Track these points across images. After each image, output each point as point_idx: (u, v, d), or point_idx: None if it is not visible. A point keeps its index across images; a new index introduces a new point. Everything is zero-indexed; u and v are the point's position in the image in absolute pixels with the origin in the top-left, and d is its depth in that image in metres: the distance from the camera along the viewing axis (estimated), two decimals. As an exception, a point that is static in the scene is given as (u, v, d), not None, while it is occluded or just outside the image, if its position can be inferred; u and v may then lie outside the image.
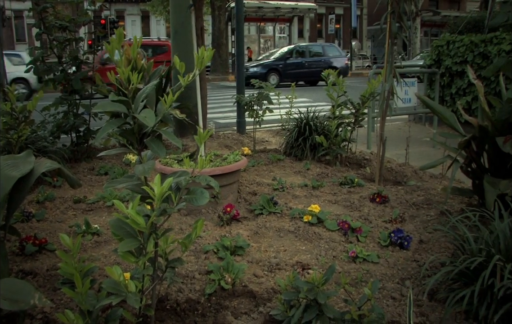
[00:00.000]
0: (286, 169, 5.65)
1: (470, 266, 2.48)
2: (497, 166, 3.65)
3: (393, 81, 4.80)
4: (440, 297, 2.72)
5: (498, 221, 2.66)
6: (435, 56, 10.50)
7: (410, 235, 3.55)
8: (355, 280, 3.00)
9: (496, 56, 8.80)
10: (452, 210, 4.10)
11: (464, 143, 3.58)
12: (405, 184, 5.11)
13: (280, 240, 3.63)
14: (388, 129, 9.16)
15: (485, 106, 3.73)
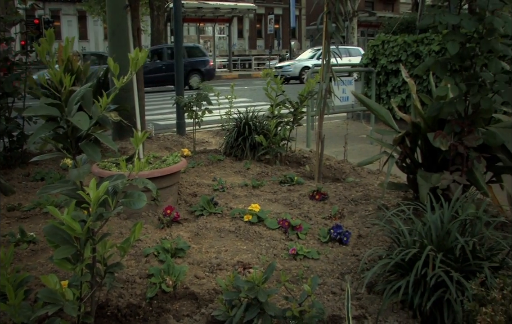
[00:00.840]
0: (226, 170, 5.65)
1: (405, 258, 2.55)
2: (430, 161, 3.78)
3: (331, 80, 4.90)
4: (378, 289, 2.79)
5: (430, 213, 2.76)
6: (371, 55, 10.79)
7: (349, 230, 3.62)
8: (296, 277, 3.03)
9: (427, 55, 9.13)
10: (389, 205, 4.22)
11: (398, 139, 3.69)
12: (344, 180, 5.22)
13: (221, 240, 3.63)
14: (327, 127, 9.31)
15: (417, 104, 3.86)
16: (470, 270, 2.51)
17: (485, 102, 3.07)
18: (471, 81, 3.17)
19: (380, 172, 5.47)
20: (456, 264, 2.53)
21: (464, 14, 3.22)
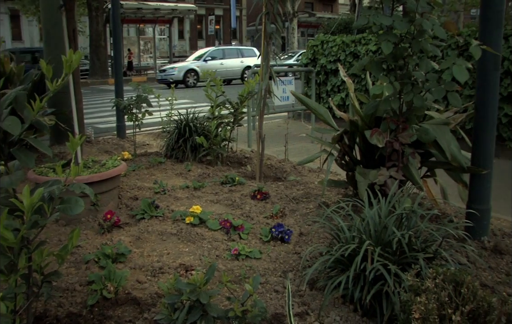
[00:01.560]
0: (167, 172, 5.60)
1: (344, 253, 2.61)
2: (368, 158, 3.88)
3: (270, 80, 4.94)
4: (319, 286, 2.84)
5: (368, 209, 2.83)
6: (311, 55, 10.95)
7: (291, 229, 3.67)
8: (238, 277, 3.04)
9: (365, 55, 9.36)
10: (329, 202, 4.30)
11: (337, 138, 3.77)
12: (285, 179, 5.27)
13: (163, 243, 3.60)
14: (268, 127, 9.40)
15: (355, 102, 3.96)
16: (406, 262, 2.59)
17: (417, 100, 3.19)
18: (404, 80, 3.28)
19: (320, 170, 5.57)
20: (394, 257, 2.61)
21: (396, 16, 3.32)
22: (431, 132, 3.41)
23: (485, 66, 3.49)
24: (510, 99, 7.89)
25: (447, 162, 3.57)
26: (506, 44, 7.82)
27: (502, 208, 5.26)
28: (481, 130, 3.58)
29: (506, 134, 7.93)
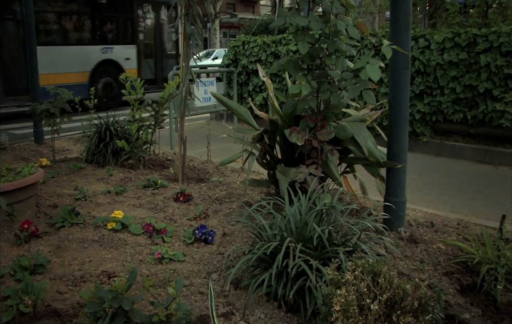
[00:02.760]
0: (88, 177, 5.43)
1: (267, 251, 2.64)
2: (288, 156, 3.95)
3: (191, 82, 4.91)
4: (244, 285, 2.86)
5: (288, 207, 2.88)
6: (233, 56, 11.00)
7: (214, 229, 3.66)
8: (162, 281, 3.01)
9: (285, 55, 9.52)
10: (252, 201, 4.33)
11: (257, 137, 3.80)
12: (208, 180, 5.26)
13: (85, 251, 3.49)
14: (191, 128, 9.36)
15: (274, 101, 4.01)
16: (327, 256, 2.66)
17: (334, 98, 3.27)
18: (321, 79, 3.36)
19: (243, 170, 5.60)
20: (315, 253, 2.67)
21: (312, 17, 3.39)
22: (349, 129, 3.52)
23: (396, 65, 3.65)
24: (422, 96, 8.28)
25: (364, 157, 3.70)
26: (416, 45, 8.21)
27: (417, 200, 5.53)
28: (395, 126, 3.73)
29: (419, 129, 8.31)
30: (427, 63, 8.07)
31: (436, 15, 12.28)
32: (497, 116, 7.60)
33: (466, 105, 7.91)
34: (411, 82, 8.22)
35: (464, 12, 13.12)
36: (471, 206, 5.50)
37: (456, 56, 7.82)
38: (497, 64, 7.48)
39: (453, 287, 3.14)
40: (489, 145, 7.88)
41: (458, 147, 8.01)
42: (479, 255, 3.25)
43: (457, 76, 7.87)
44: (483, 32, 7.70)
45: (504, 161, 7.57)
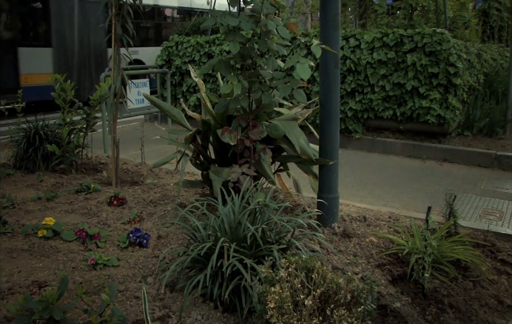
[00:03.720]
0: (17, 184, 5.22)
1: (201, 252, 2.63)
2: (221, 156, 3.95)
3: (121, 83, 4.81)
4: (179, 287, 2.83)
5: (222, 207, 2.88)
6: (166, 57, 10.88)
7: (149, 232, 3.61)
8: (97, 288, 2.93)
9: (219, 55, 9.51)
10: (187, 202, 4.30)
11: (189, 138, 3.78)
12: (142, 183, 5.18)
13: (13, 261, 3.34)
14: (124, 131, 9.20)
15: (206, 102, 4.00)
16: (262, 254, 2.68)
17: (265, 97, 3.30)
18: (253, 79, 3.38)
19: (177, 171, 5.55)
20: (250, 251, 2.68)
21: (243, 17, 3.40)
22: (281, 128, 3.56)
23: (327, 64, 3.72)
24: (353, 94, 8.49)
25: (297, 155, 3.75)
26: (347, 44, 8.41)
27: (351, 195, 5.66)
28: (326, 123, 3.81)
29: (351, 126, 8.52)
30: (357, 62, 8.29)
31: (366, 15, 12.63)
32: (423, 112, 7.91)
33: (395, 102, 8.19)
34: (343, 80, 8.42)
35: (391, 14, 13.58)
36: (402, 200, 5.70)
37: (385, 55, 8.07)
38: (422, 63, 7.79)
39: (385, 278, 3.24)
40: (417, 140, 8.19)
41: (389, 143, 8.28)
42: (409, 246, 3.37)
43: (386, 75, 8.13)
44: (408, 33, 8.00)
45: (431, 155, 7.89)
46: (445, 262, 3.33)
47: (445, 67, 7.71)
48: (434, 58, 7.76)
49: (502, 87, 9.98)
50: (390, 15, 13.29)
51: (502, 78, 10.34)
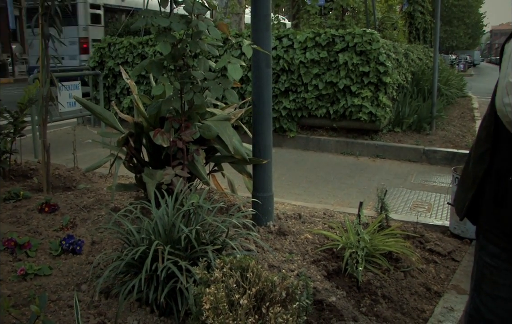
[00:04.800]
0: None
1: (135, 256, 2.60)
2: (155, 158, 3.91)
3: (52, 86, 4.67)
4: (114, 293, 2.79)
5: (155, 209, 2.85)
6: (98, 58, 10.64)
7: (82, 238, 3.53)
8: (27, 299, 2.83)
9: (152, 56, 9.40)
10: (121, 206, 4.22)
11: (122, 140, 3.72)
12: (75, 188, 5.05)
13: None
14: (56, 135, 8.93)
15: (139, 104, 3.95)
16: (197, 256, 2.67)
17: (197, 98, 3.29)
18: (184, 80, 3.36)
19: (111, 175, 5.44)
20: (185, 253, 2.67)
21: (174, 17, 3.38)
22: (214, 128, 3.56)
23: (259, 64, 3.76)
24: (287, 93, 8.60)
25: (231, 155, 3.77)
26: (280, 44, 8.52)
27: (286, 193, 5.74)
28: (259, 123, 3.85)
29: (286, 125, 8.63)
30: (291, 62, 8.41)
31: (299, 16, 12.84)
32: (356, 110, 8.12)
33: (328, 100, 8.36)
34: (277, 80, 8.52)
35: (324, 14, 13.88)
36: (336, 196, 5.83)
37: (318, 54, 8.23)
38: (354, 62, 8.00)
39: (321, 273, 3.31)
40: (350, 138, 8.40)
41: (323, 141, 8.44)
42: (343, 241, 3.47)
43: (319, 74, 8.28)
44: (340, 33, 8.20)
45: (364, 152, 8.12)
46: (378, 254, 3.44)
47: (375, 66, 7.95)
48: (364, 58, 7.99)
49: (428, 85, 10.41)
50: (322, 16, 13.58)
51: (428, 77, 10.78)
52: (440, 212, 5.26)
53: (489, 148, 1.79)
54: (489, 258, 1.88)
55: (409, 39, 16.26)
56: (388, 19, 14.03)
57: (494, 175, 1.76)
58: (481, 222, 1.89)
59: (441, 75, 13.27)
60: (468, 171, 1.95)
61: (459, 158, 7.41)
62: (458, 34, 47.52)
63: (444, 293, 3.33)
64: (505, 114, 1.53)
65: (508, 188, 1.71)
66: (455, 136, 8.83)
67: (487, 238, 1.88)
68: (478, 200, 1.87)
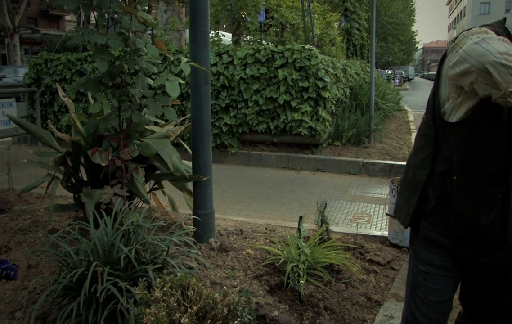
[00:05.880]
0: None
1: (73, 279, 2.53)
2: (94, 178, 3.83)
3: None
4: (52, 318, 2.70)
5: (94, 230, 2.80)
6: (35, 75, 10.36)
7: (17, 263, 3.41)
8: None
9: (92, 73, 9.23)
10: (60, 228, 4.11)
11: (59, 160, 3.63)
12: (9, 210, 4.87)
13: None
14: (-12, 155, 8.58)
15: (76, 122, 3.87)
16: (137, 276, 2.63)
17: (136, 116, 3.26)
18: (123, 97, 3.33)
19: (48, 195, 5.29)
20: (125, 274, 2.63)
21: (111, 34, 3.34)
22: (153, 146, 3.54)
23: (197, 81, 3.77)
24: (228, 109, 8.64)
25: (171, 173, 3.75)
26: (220, 60, 8.56)
27: (228, 210, 5.76)
28: (198, 140, 3.85)
29: (227, 141, 8.66)
30: (231, 78, 8.46)
31: (239, 32, 12.95)
32: (296, 125, 8.25)
33: (268, 116, 8.46)
34: (217, 96, 8.55)
35: (264, 31, 14.06)
36: (278, 210, 5.89)
37: (257, 70, 8.32)
38: (293, 78, 8.14)
39: (263, 288, 3.33)
40: (291, 152, 8.52)
41: (264, 156, 8.52)
42: (284, 255, 3.50)
43: (259, 90, 8.37)
44: (279, 49, 8.33)
45: (304, 166, 8.25)
46: (319, 267, 3.50)
47: (314, 81, 8.11)
48: (304, 73, 8.14)
49: (366, 99, 10.72)
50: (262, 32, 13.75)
51: (365, 91, 11.11)
52: (380, 223, 5.41)
53: (430, 153, 1.92)
54: (422, 265, 2.02)
55: (347, 55, 16.71)
56: (327, 35, 14.36)
57: (437, 177, 1.90)
58: (423, 226, 1.99)
59: (378, 89, 13.71)
60: (408, 180, 2.07)
61: (397, 169, 7.66)
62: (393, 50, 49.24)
63: (384, 302, 3.43)
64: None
65: (453, 186, 1.85)
66: (392, 148, 9.12)
67: (423, 245, 2.02)
68: (421, 206, 1.99)
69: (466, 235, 1.88)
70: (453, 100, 1.79)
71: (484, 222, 1.82)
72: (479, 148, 1.78)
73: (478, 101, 1.72)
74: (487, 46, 1.61)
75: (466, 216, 1.84)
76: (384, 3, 40.34)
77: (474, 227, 1.84)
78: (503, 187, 1.79)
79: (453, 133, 1.82)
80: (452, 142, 1.83)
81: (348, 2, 17.24)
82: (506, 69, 1.54)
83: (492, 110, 1.70)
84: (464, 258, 1.94)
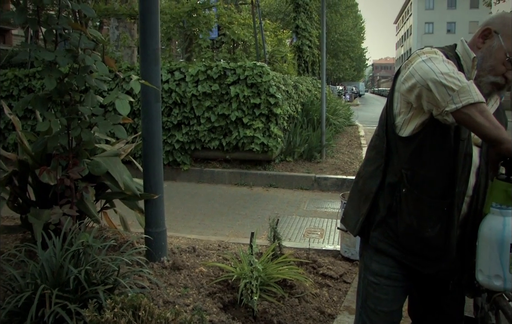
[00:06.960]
0: None
1: (18, 303, 2.45)
2: (42, 197, 3.74)
3: None
4: (-4, 346, 2.61)
5: (42, 251, 2.73)
6: (-22, 92, 10.03)
7: (-41, 288, 3.27)
8: None
9: (40, 90, 9.02)
10: (5, 250, 3.97)
11: (5, 180, 3.53)
12: (-49, 233, 4.69)
13: None
14: None
15: (23, 140, 3.77)
16: (87, 297, 2.57)
17: (85, 134, 3.21)
18: (72, 115, 3.27)
19: None
20: (74, 296, 2.57)
21: (59, 51, 3.29)
22: (103, 165, 3.49)
23: (148, 99, 3.75)
24: (180, 126, 8.61)
25: (121, 191, 3.70)
26: (172, 77, 8.54)
27: (181, 227, 5.71)
28: (149, 157, 3.82)
29: (179, 158, 8.62)
30: (183, 95, 8.44)
31: (191, 49, 12.94)
32: (248, 141, 8.29)
33: (221, 132, 8.47)
34: (169, 113, 8.51)
35: (216, 48, 14.11)
36: (231, 227, 5.89)
37: (209, 87, 8.33)
38: (245, 95, 8.19)
39: (217, 305, 3.31)
40: (244, 169, 8.55)
41: (217, 173, 8.51)
42: (237, 272, 3.50)
43: (211, 106, 8.38)
44: (231, 66, 8.37)
45: (257, 182, 8.29)
46: (272, 283, 3.51)
47: (266, 98, 8.19)
48: (255, 90, 8.21)
49: (317, 115, 10.89)
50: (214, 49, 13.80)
51: (317, 108, 11.28)
52: (332, 237, 5.48)
53: (381, 164, 1.98)
54: (372, 276, 2.08)
55: (298, 71, 16.96)
56: (278, 52, 14.53)
57: (387, 188, 1.96)
58: (373, 236, 2.04)
59: (329, 105, 13.95)
60: (359, 189, 2.13)
61: (348, 183, 7.79)
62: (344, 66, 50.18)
63: (337, 315, 3.47)
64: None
65: (401, 198, 1.91)
66: (344, 163, 9.28)
67: (372, 255, 2.07)
68: (371, 215, 2.04)
69: (413, 246, 1.94)
70: (404, 114, 1.88)
71: (429, 234, 1.88)
72: (427, 162, 1.85)
73: (427, 118, 1.80)
74: (431, 65, 1.71)
75: (413, 228, 1.90)
76: (334, 21, 41.16)
77: (420, 239, 1.90)
78: (448, 200, 1.86)
79: (403, 146, 1.89)
80: (402, 156, 1.90)
81: (299, 20, 17.56)
82: (445, 88, 1.63)
83: (440, 127, 1.78)
84: (411, 268, 2.00)
